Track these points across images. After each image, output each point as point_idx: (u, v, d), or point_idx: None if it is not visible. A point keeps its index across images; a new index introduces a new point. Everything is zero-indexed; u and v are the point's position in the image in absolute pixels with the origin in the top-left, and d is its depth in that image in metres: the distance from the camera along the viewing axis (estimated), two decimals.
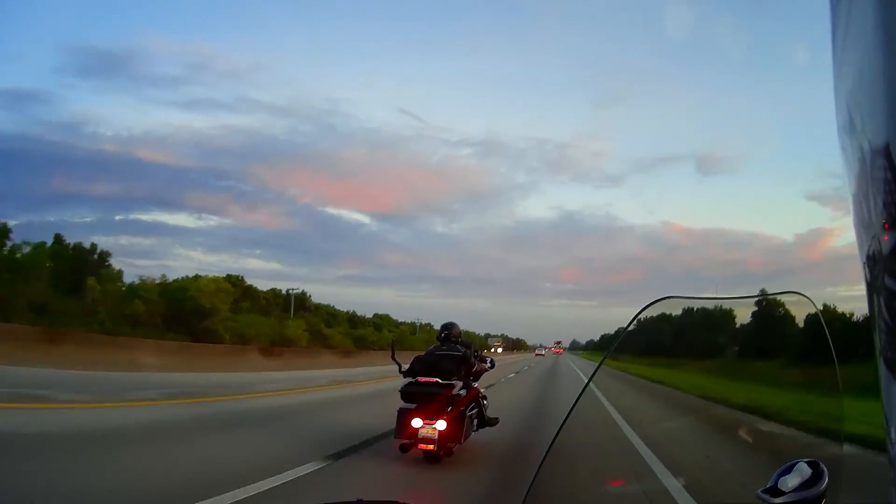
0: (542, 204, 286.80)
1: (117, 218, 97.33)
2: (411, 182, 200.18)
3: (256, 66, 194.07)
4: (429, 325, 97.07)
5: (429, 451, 7.50)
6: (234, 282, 50.88)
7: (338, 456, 7.85)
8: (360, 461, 7.86)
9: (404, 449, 7.66)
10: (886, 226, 0.60)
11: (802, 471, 1.35)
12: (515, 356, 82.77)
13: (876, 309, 0.63)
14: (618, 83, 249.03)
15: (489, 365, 9.34)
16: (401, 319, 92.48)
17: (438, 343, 8.90)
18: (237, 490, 5.82)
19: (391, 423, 7.93)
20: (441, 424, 7.44)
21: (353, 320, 74.43)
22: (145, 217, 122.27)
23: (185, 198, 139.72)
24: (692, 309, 5.01)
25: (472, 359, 8.56)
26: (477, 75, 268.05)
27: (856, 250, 0.68)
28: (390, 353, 9.07)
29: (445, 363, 8.18)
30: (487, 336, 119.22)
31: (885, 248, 0.59)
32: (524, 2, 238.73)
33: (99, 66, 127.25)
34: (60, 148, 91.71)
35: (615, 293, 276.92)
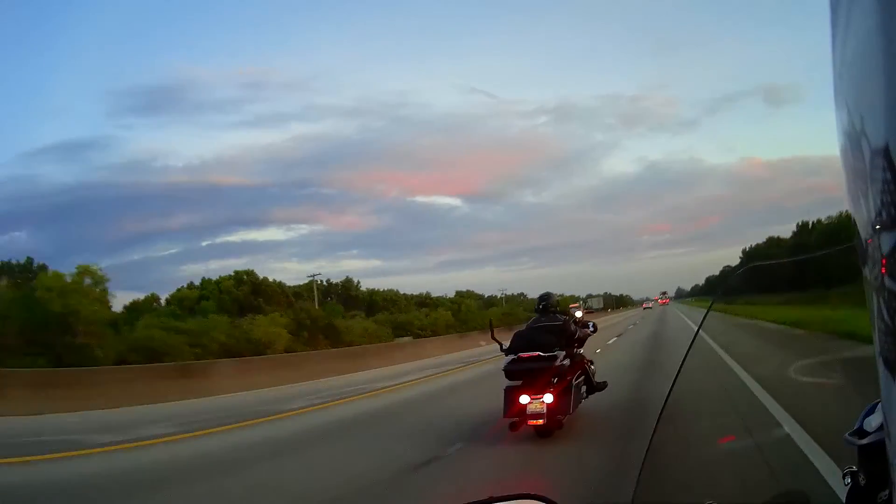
0: (623, 159, 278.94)
1: (204, 244, 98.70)
2: (494, 159, 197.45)
3: (315, 73, 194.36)
4: (521, 294, 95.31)
5: (538, 426, 7.34)
6: (241, 277, 48.12)
7: None
8: None
9: (514, 427, 7.43)
10: (886, 226, 0.61)
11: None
12: (612, 316, 79.11)
13: (876, 309, 0.65)
14: (674, 29, 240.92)
15: (591, 329, 9.17)
16: (488, 294, 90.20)
17: (537, 315, 8.71)
18: None
19: None
20: (548, 398, 7.26)
21: (424, 303, 71.63)
22: (232, 238, 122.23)
23: (270, 212, 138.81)
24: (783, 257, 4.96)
25: (573, 326, 8.37)
26: (538, 42, 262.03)
27: None
28: (489, 332, 8.99)
29: (545, 335, 7.97)
30: (588, 297, 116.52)
31: (885, 248, 0.60)
32: None
33: (153, 102, 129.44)
34: (131, 188, 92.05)
35: (707, 237, 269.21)
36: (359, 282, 69.20)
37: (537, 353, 7.69)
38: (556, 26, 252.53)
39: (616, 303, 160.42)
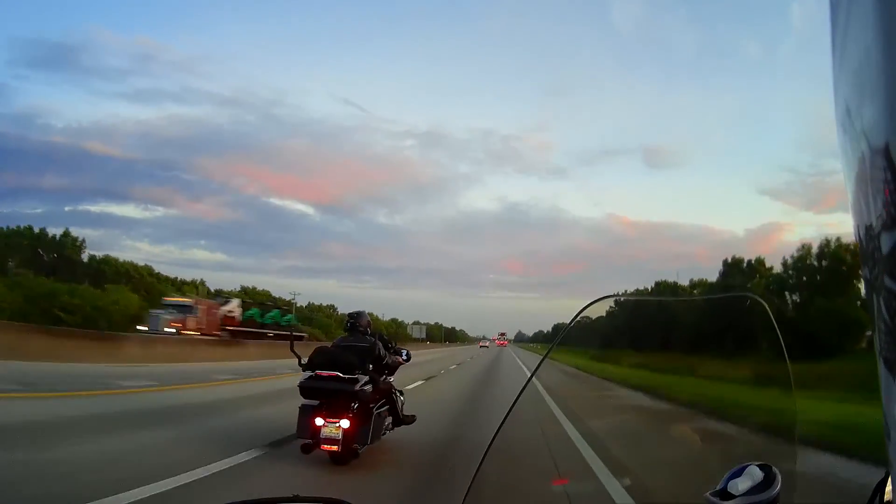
0: (485, 195, 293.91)
1: (66, 209, 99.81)
2: (355, 173, 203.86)
3: (202, 56, 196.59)
4: (331, 307, 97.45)
5: (333, 452, 7.08)
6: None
7: None
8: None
9: (307, 450, 7.15)
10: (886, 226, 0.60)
11: (754, 474, 1.35)
12: (435, 350, 76.03)
13: (875, 309, 0.64)
14: (563, 75, 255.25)
15: (405, 358, 8.95)
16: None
17: (346, 334, 8.38)
18: None
19: None
20: (345, 423, 7.04)
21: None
22: (94, 208, 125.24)
23: (132, 189, 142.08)
24: (639, 304, 5.00)
25: (382, 351, 8.10)
26: (421, 66, 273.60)
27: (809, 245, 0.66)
28: (289, 345, 8.59)
29: (348, 355, 7.60)
30: (415, 323, 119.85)
31: (885, 248, 0.60)
32: None
33: (50, 57, 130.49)
34: (12, 140, 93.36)
35: (560, 285, 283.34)
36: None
37: (336, 373, 7.32)
38: (443, 52, 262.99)
39: (445, 335, 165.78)
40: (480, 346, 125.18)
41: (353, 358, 7.50)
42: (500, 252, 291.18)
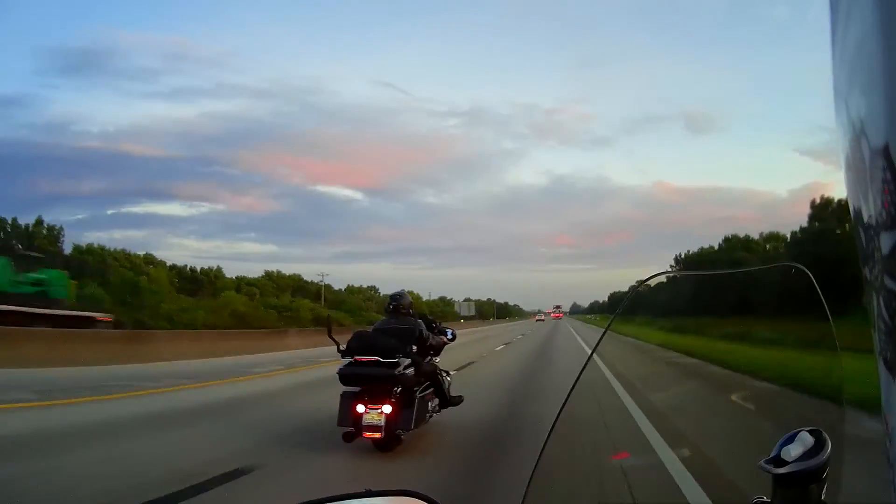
0: (531, 169, 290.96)
1: (109, 213, 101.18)
2: (400, 155, 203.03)
3: (235, 51, 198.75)
4: (372, 288, 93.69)
5: (375, 439, 6.98)
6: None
7: None
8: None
9: (348, 438, 7.03)
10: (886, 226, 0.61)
11: (805, 440, 1.36)
12: (486, 328, 72.15)
13: (875, 309, 0.65)
14: (600, 45, 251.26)
15: (449, 337, 8.89)
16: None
17: (387, 317, 8.31)
18: None
19: None
20: (387, 409, 6.92)
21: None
22: (137, 209, 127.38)
23: (175, 187, 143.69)
24: (691, 277, 5.00)
25: (424, 332, 8.02)
26: (459, 44, 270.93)
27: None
28: (327, 330, 8.53)
29: (387, 339, 7.50)
30: (466, 300, 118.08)
31: (885, 248, 0.60)
32: None
33: (79, 64, 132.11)
34: (48, 149, 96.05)
35: (611, 255, 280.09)
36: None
37: (376, 357, 7.18)
38: (480, 28, 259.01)
39: (497, 311, 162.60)
40: (536, 320, 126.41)
41: (392, 341, 7.41)
42: (550, 225, 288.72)
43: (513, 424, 9.34)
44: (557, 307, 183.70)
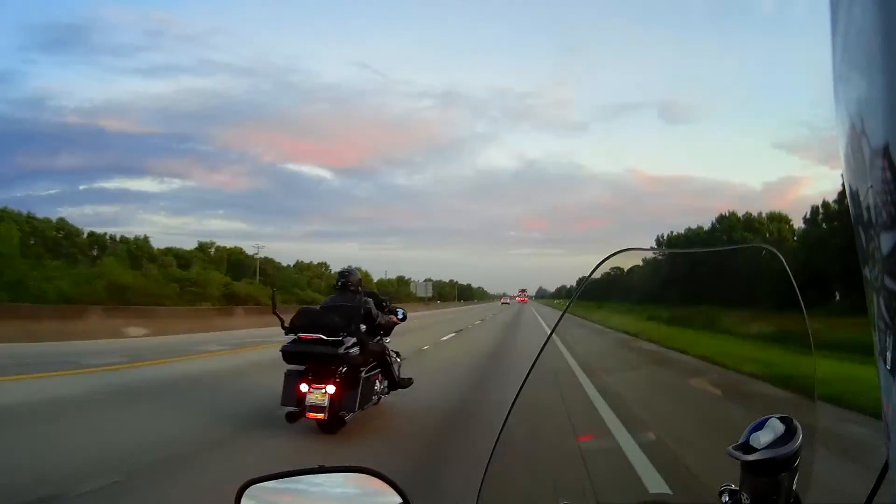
0: (504, 154, 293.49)
1: (82, 188, 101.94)
2: (373, 136, 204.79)
3: (215, 28, 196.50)
4: (322, 265, 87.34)
5: (319, 420, 6.82)
6: None
7: None
8: None
9: (292, 418, 6.87)
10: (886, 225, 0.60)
11: (775, 427, 1.35)
12: (447, 311, 69.00)
13: (876, 309, 0.64)
14: (579, 30, 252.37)
15: (400, 317, 8.72)
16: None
17: (335, 294, 8.09)
18: None
19: None
20: (331, 389, 6.76)
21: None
22: (109, 185, 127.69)
23: (149, 163, 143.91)
24: (658, 258, 5.00)
25: (373, 310, 7.84)
26: (436, 26, 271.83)
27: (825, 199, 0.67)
28: (271, 306, 8.14)
29: (332, 316, 7.28)
30: (427, 280, 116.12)
31: (885, 248, 0.60)
32: None
33: (60, 39, 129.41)
34: (26, 124, 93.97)
35: (581, 241, 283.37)
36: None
37: (319, 335, 7.01)
38: (459, 11, 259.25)
39: (460, 293, 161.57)
40: (502, 303, 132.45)
41: (337, 319, 7.21)
42: (522, 210, 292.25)
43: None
44: (523, 291, 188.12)
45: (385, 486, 1.40)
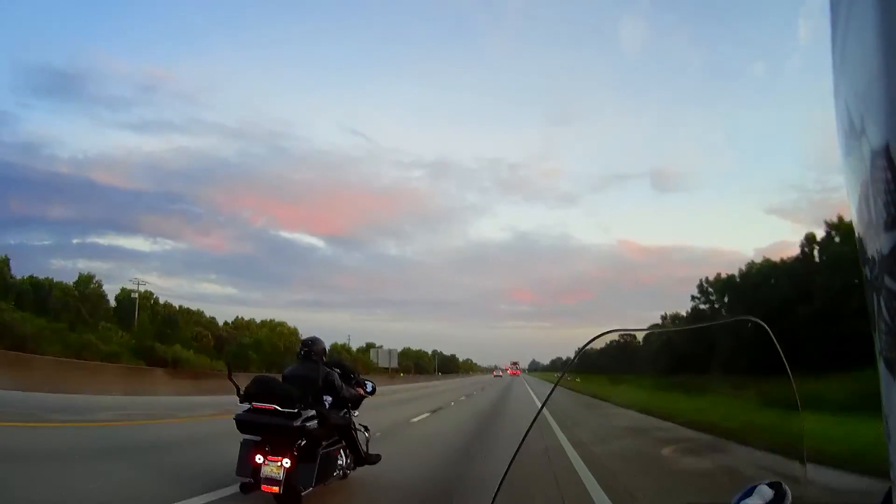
0: (494, 225, 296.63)
1: (75, 241, 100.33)
2: (363, 204, 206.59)
3: (207, 87, 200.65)
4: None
5: (275, 494, 6.41)
6: None
7: None
8: None
9: (246, 489, 6.50)
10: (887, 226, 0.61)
11: (764, 493, 1.35)
12: (417, 387, 56.91)
13: (876, 309, 0.65)
14: (569, 101, 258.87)
15: (369, 390, 8.34)
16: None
17: (297, 363, 7.74)
18: None
19: None
20: (286, 462, 6.40)
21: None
22: (102, 241, 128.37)
23: (141, 221, 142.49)
24: (645, 334, 5.00)
25: (337, 381, 7.54)
26: (427, 95, 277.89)
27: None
28: (227, 372, 7.44)
29: (288, 386, 6.95)
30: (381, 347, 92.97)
31: (885, 248, 0.61)
32: (473, 20, 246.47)
33: (55, 85, 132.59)
34: (19, 170, 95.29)
35: (572, 313, 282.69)
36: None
37: (273, 406, 6.61)
38: (448, 80, 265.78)
39: (442, 365, 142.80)
40: (494, 376, 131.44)
41: (294, 389, 6.83)
42: (511, 281, 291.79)
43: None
44: (515, 363, 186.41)
45: None
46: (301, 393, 6.78)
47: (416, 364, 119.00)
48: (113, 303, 56.01)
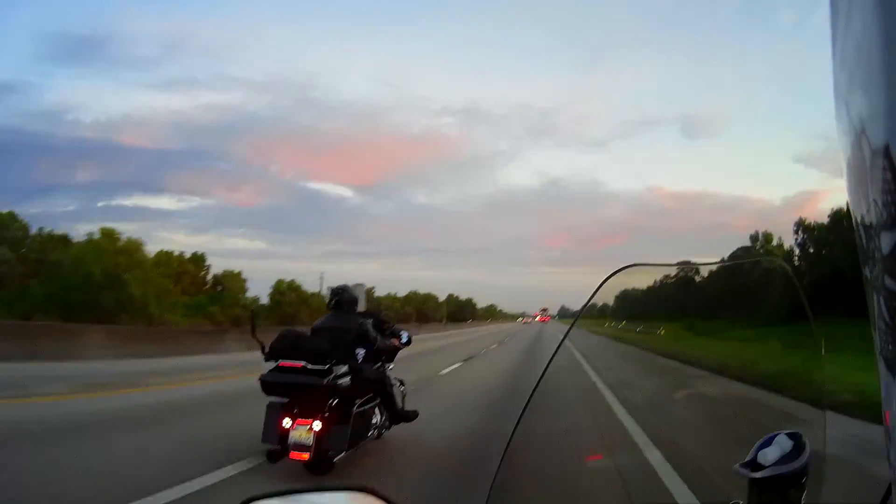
0: (525, 171, 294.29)
1: (99, 205, 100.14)
2: (393, 153, 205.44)
3: (233, 42, 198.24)
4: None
5: (304, 461, 5.87)
6: None
7: None
8: None
9: (274, 457, 5.95)
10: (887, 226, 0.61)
11: (783, 443, 1.34)
12: (430, 335, 52.39)
13: (876, 309, 0.65)
14: (599, 46, 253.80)
15: (404, 340, 7.67)
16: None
17: (329, 315, 7.14)
18: None
19: None
20: (317, 425, 5.87)
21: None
22: (127, 202, 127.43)
23: (167, 180, 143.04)
24: (670, 274, 4.96)
25: (371, 333, 6.97)
26: (456, 42, 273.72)
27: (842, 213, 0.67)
28: (250, 328, 6.89)
29: (318, 340, 6.49)
30: (357, 285, 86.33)
31: (885, 248, 0.60)
32: None
33: (76, 51, 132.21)
34: (42, 138, 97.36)
35: (602, 259, 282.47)
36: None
37: (302, 363, 6.14)
38: (478, 26, 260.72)
39: (454, 312, 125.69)
40: (523, 323, 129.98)
41: (324, 343, 6.37)
42: (542, 228, 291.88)
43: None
44: (544, 310, 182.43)
45: None
46: (332, 347, 6.30)
47: (419, 311, 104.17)
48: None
